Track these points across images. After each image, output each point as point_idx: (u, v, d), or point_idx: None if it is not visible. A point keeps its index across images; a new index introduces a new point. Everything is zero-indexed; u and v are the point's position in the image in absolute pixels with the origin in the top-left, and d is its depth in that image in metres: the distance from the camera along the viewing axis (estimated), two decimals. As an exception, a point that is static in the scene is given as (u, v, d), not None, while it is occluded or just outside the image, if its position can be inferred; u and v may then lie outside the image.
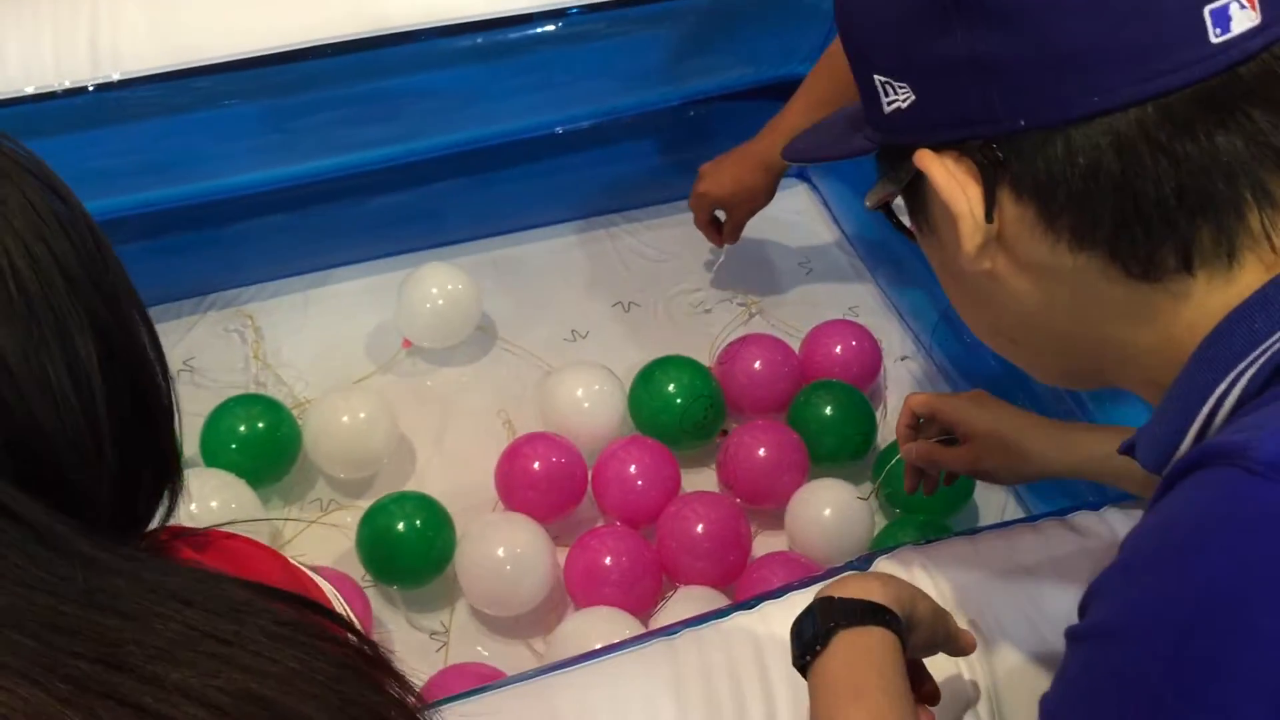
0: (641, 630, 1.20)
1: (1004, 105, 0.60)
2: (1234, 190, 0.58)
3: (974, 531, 1.06)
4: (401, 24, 1.46)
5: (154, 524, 0.59)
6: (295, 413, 1.47)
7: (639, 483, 1.36)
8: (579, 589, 1.29)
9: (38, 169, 0.54)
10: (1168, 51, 0.58)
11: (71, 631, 0.45)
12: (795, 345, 1.56)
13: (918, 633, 0.82)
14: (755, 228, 1.71)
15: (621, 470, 1.37)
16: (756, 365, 1.49)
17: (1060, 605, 0.96)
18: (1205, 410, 0.59)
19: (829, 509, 1.32)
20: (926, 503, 1.35)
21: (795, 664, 0.80)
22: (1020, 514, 1.41)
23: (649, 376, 1.47)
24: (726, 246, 1.67)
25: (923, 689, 0.86)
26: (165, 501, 0.59)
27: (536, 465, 1.36)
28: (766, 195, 1.57)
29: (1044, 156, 0.60)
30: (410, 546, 1.32)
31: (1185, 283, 0.60)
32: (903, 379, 1.60)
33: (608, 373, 1.48)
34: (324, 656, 0.49)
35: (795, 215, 1.82)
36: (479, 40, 1.52)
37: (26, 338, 0.50)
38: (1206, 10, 0.58)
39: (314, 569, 1.25)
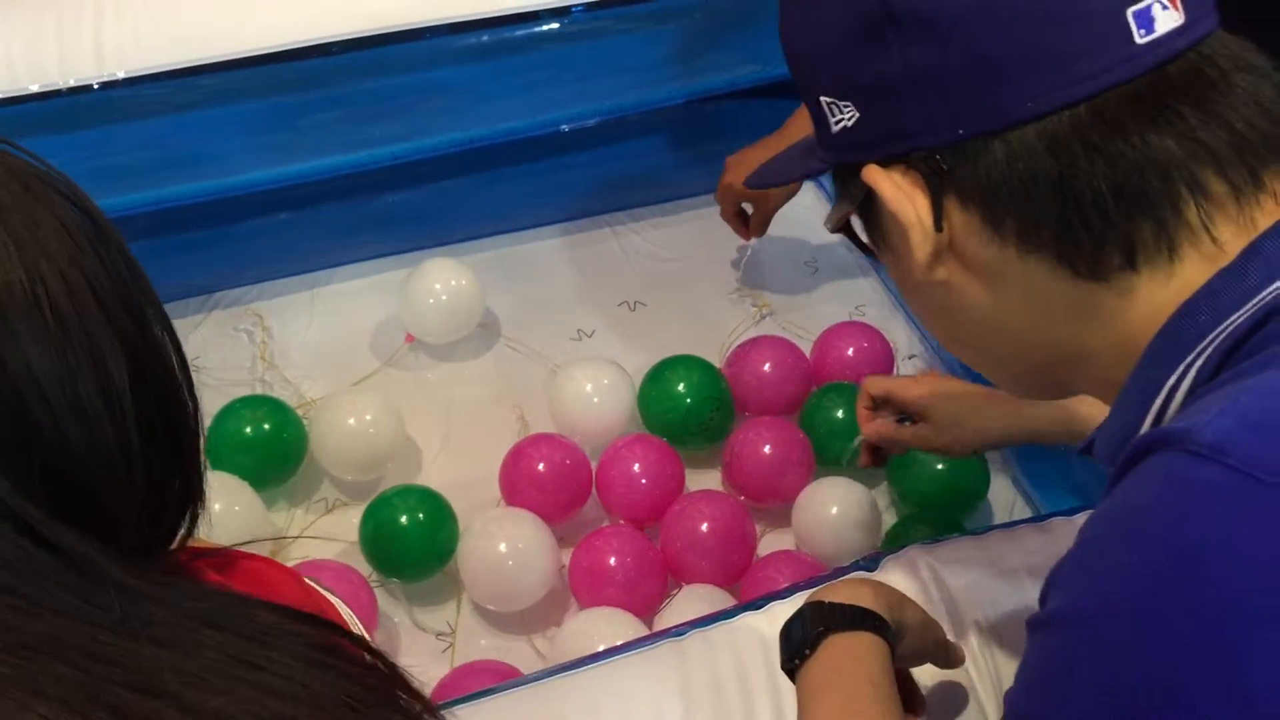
0: (645, 630, 1.20)
1: (942, 116, 0.62)
2: (1170, 186, 0.60)
3: (981, 531, 1.05)
4: (406, 22, 1.46)
5: (173, 544, 0.60)
6: (301, 412, 1.47)
7: (643, 481, 1.36)
8: (583, 589, 1.29)
9: (70, 191, 0.54)
10: (1094, 55, 0.60)
11: (110, 660, 0.45)
12: (801, 345, 1.55)
13: (906, 641, 0.82)
14: (761, 226, 1.70)
15: (625, 468, 1.37)
16: (766, 367, 1.48)
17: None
18: (1159, 401, 0.61)
19: (836, 507, 1.31)
20: (939, 501, 1.35)
21: (783, 667, 0.81)
22: (1028, 514, 1.41)
23: (659, 375, 1.47)
24: (753, 240, 1.66)
25: (910, 699, 0.86)
26: (186, 523, 0.59)
27: (541, 467, 1.36)
28: (796, 185, 1.56)
29: (985, 163, 0.62)
30: (413, 540, 1.31)
31: (1130, 279, 0.62)
32: (910, 378, 1.59)
33: (617, 368, 1.47)
34: (349, 679, 0.50)
35: (801, 213, 1.81)
36: (484, 38, 1.52)
37: (61, 362, 0.50)
38: (1130, 12, 0.60)
39: (321, 565, 1.27)
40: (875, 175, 0.66)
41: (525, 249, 1.75)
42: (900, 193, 0.65)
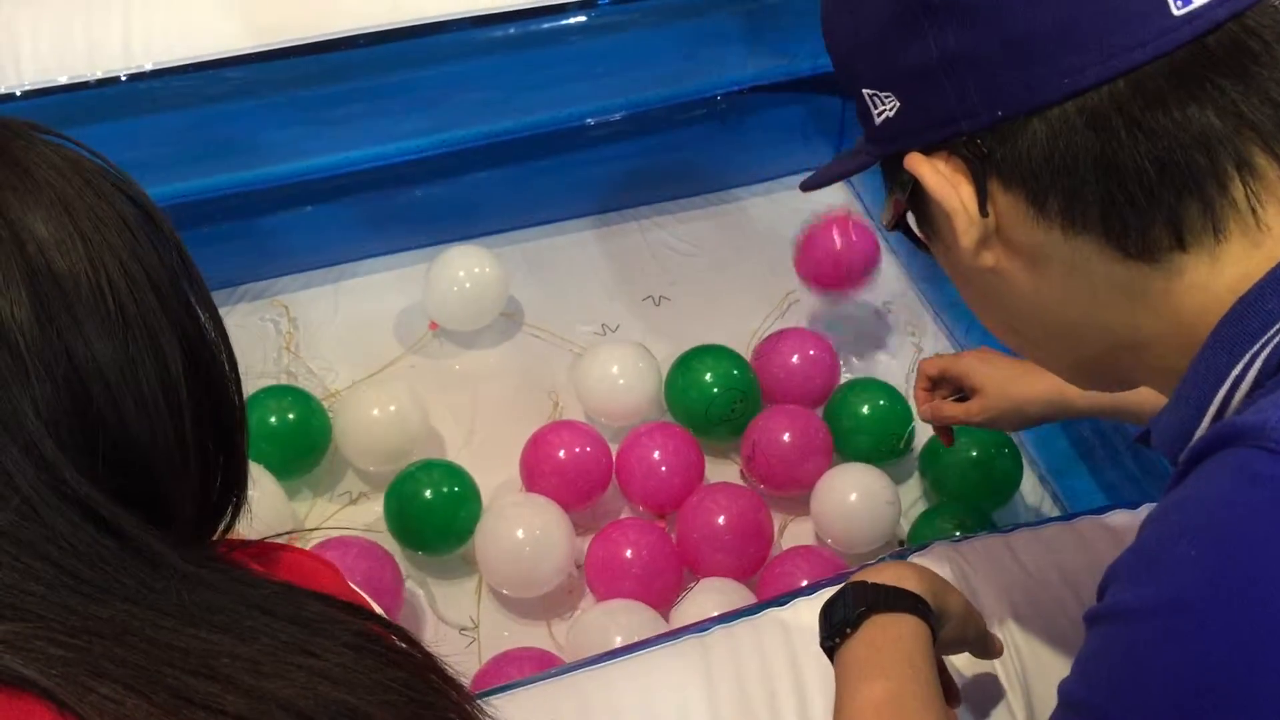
0: (662, 623, 1.20)
1: (980, 99, 0.61)
2: (1215, 163, 0.59)
3: (1008, 529, 1.05)
4: (434, 14, 1.46)
5: (216, 534, 0.61)
6: (326, 403, 1.47)
7: (663, 469, 1.36)
8: (599, 581, 1.29)
9: (129, 188, 0.56)
10: (1131, 27, 0.58)
11: (170, 645, 0.47)
12: (828, 338, 1.55)
13: (948, 628, 0.81)
14: (789, 222, 1.70)
15: (645, 455, 1.37)
16: (794, 360, 1.48)
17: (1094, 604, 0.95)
18: (1221, 393, 0.59)
19: (855, 494, 1.31)
20: (971, 493, 1.35)
21: (823, 645, 0.80)
22: (1055, 513, 1.40)
23: (686, 364, 1.47)
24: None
25: (946, 688, 0.86)
26: (230, 512, 0.61)
27: (561, 453, 1.36)
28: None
29: (1025, 143, 0.61)
30: (437, 512, 1.33)
31: (1178, 260, 0.61)
32: (936, 375, 1.58)
33: (644, 350, 1.47)
34: (397, 666, 0.52)
35: (830, 210, 1.80)
36: (511, 30, 1.51)
37: (123, 352, 0.52)
38: None
39: (348, 541, 1.27)
40: (917, 163, 0.65)
41: (551, 243, 1.75)
42: (943, 179, 0.64)
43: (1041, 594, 0.97)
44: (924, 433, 1.43)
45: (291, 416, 1.41)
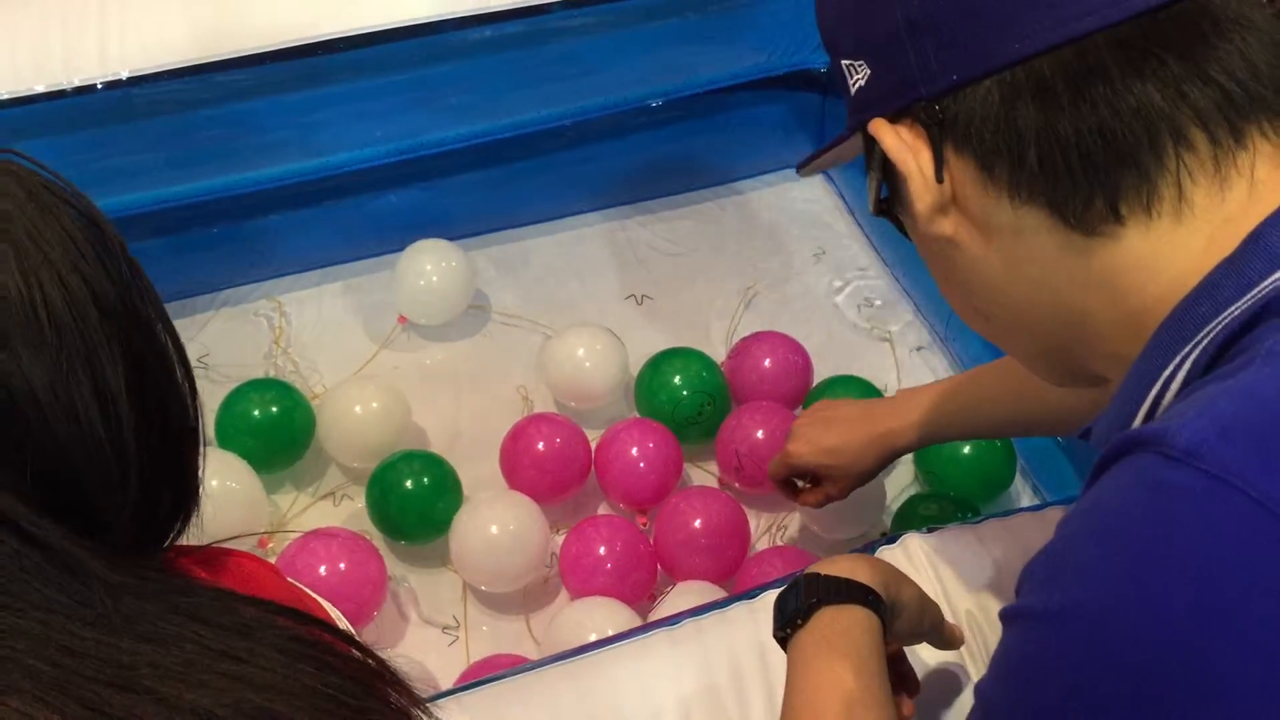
0: (637, 620, 1.20)
1: (937, 62, 0.63)
2: (1152, 136, 0.59)
3: (978, 520, 1.05)
4: (405, 18, 1.46)
5: (165, 543, 0.61)
6: (313, 402, 1.48)
7: (641, 465, 1.36)
8: (572, 576, 1.30)
9: (74, 198, 0.56)
10: None
11: (87, 655, 0.47)
12: (799, 332, 1.55)
13: (901, 619, 0.82)
14: (769, 215, 1.70)
15: (623, 450, 1.37)
16: (766, 363, 1.48)
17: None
18: (1152, 394, 0.60)
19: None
20: (964, 486, 1.36)
21: (775, 635, 0.81)
22: (1037, 503, 1.40)
23: (656, 366, 1.47)
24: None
25: (905, 679, 0.87)
26: (180, 523, 0.61)
27: (541, 446, 1.37)
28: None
29: (978, 108, 0.62)
30: (418, 500, 1.34)
31: (1116, 232, 0.61)
32: (918, 370, 1.58)
33: (610, 334, 1.49)
34: (334, 671, 0.51)
35: (808, 205, 1.81)
36: (487, 33, 1.52)
37: (55, 368, 0.51)
38: None
39: (332, 532, 1.28)
40: (880, 128, 0.66)
41: (530, 244, 1.75)
42: (902, 144, 0.65)
43: (1008, 584, 0.97)
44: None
45: (275, 410, 1.41)
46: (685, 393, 1.43)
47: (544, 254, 1.74)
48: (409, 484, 1.34)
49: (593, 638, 1.10)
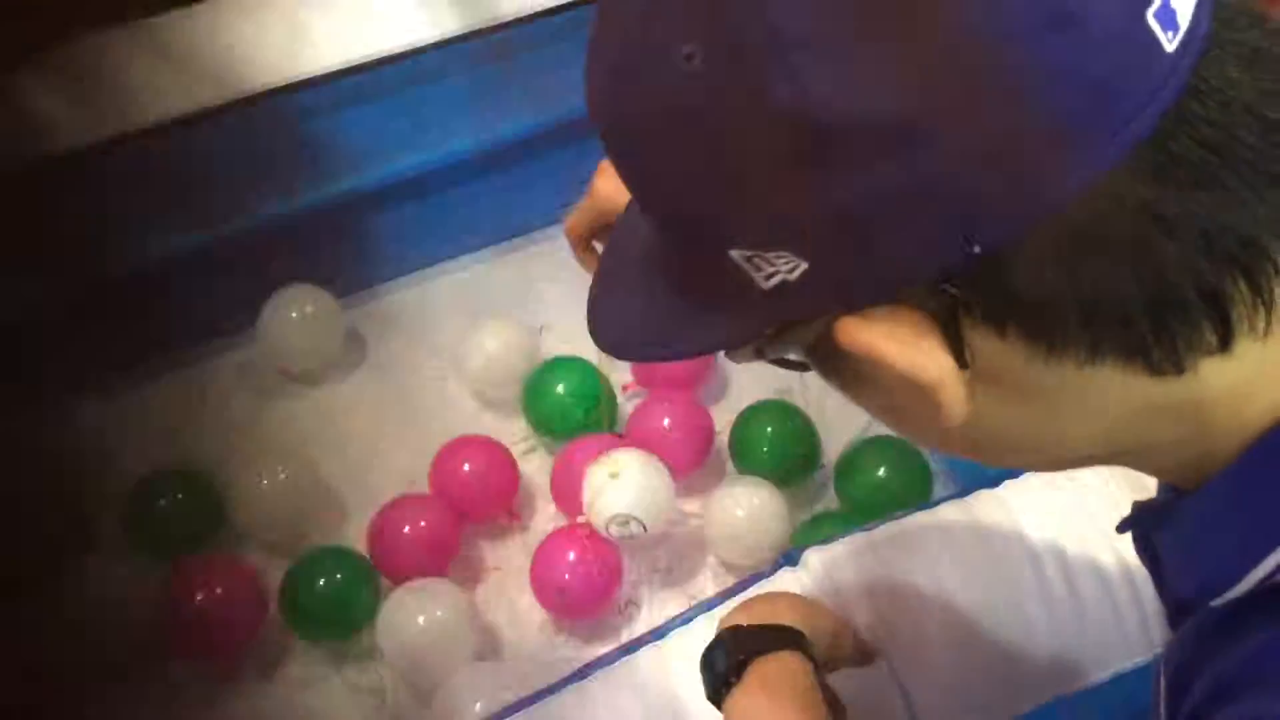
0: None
1: (941, 235, 0.44)
2: (1253, 248, 0.46)
3: (871, 526, 1.06)
4: (335, 63, 1.45)
5: None
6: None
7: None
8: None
9: None
10: (1128, 85, 0.43)
11: None
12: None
13: (822, 648, 0.83)
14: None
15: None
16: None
17: (963, 589, 0.99)
18: (1273, 561, 0.48)
19: (741, 510, 1.34)
20: (883, 501, 1.34)
21: (709, 698, 0.80)
22: (952, 489, 1.40)
23: (540, 376, 1.50)
24: None
25: (831, 706, 0.87)
26: None
27: (467, 467, 1.41)
28: None
29: (1021, 274, 0.45)
30: (330, 605, 1.33)
31: (1215, 365, 0.48)
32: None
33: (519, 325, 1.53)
34: None
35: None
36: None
37: None
38: (1149, 14, 0.43)
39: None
40: (862, 335, 0.48)
41: (410, 294, 1.68)
42: (907, 348, 0.48)
43: (905, 589, 0.99)
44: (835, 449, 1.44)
45: (181, 498, 1.41)
46: (570, 400, 1.46)
47: (428, 301, 1.68)
48: (321, 582, 1.33)
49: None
